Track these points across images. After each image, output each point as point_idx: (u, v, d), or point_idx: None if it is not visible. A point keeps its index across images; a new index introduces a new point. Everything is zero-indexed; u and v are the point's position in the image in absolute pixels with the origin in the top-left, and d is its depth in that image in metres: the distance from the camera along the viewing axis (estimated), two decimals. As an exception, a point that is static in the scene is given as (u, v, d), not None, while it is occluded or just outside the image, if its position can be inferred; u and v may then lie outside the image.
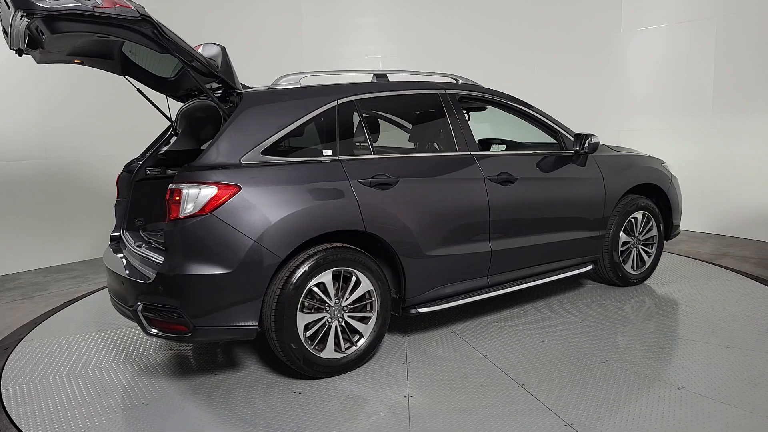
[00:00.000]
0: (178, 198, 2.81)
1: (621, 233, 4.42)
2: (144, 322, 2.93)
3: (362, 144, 3.44)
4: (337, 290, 3.09)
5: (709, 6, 6.63)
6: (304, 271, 2.95)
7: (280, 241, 2.89)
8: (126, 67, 3.57)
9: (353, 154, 3.33)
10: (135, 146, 6.95)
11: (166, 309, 2.85)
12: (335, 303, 3.09)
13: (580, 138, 4.10)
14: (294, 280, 2.92)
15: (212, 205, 2.79)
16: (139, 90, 3.72)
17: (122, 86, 3.66)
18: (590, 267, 4.36)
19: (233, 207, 2.81)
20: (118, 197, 3.89)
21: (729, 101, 6.53)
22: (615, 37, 7.46)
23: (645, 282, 4.72)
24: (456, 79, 4.03)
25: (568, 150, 4.17)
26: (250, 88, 3.41)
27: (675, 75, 7.00)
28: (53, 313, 4.57)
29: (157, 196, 3.79)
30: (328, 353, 3.09)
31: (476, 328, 3.84)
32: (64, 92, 6.42)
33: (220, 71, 3.05)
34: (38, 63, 3.26)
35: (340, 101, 3.32)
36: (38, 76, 6.21)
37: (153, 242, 3.44)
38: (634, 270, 4.58)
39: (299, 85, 3.35)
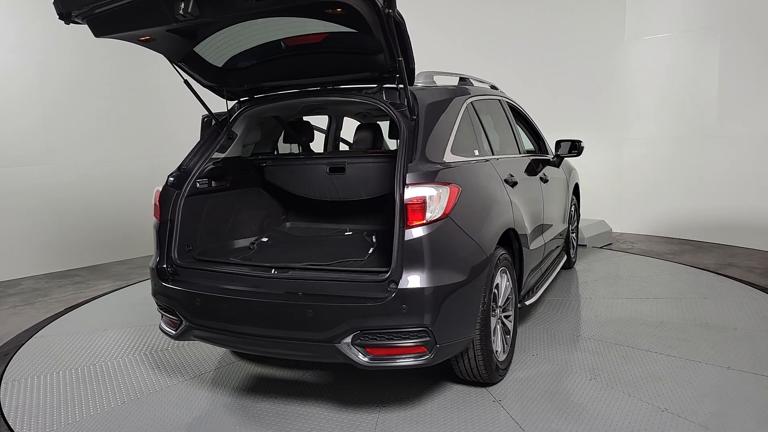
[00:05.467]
0: (422, 201, 2.51)
1: (568, 224, 5.18)
2: (356, 352, 2.50)
3: (485, 144, 3.43)
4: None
5: (713, 15, 6.64)
6: (493, 273, 2.84)
7: (489, 241, 2.80)
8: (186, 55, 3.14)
9: (487, 154, 3.32)
10: (135, 151, 6.98)
11: (408, 331, 2.47)
12: (499, 304, 3.04)
13: (559, 144, 4.66)
14: (490, 281, 2.80)
15: (450, 208, 2.57)
16: (185, 81, 3.27)
17: (122, 92, 3.64)
18: (565, 257, 5.07)
19: (460, 208, 2.63)
20: (160, 218, 3.10)
21: (734, 110, 6.52)
22: (619, 46, 7.47)
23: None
24: (495, 88, 4.19)
25: (546, 155, 4.69)
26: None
27: (679, 84, 6.99)
28: (54, 319, 4.54)
29: (202, 214, 3.28)
30: (500, 355, 3.02)
31: (537, 315, 4.17)
32: (67, 99, 6.43)
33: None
34: (96, 36, 2.74)
35: (466, 102, 3.29)
36: (41, 82, 6.23)
37: (288, 266, 2.82)
38: (572, 255, 5.51)
39: (435, 84, 3.25)
